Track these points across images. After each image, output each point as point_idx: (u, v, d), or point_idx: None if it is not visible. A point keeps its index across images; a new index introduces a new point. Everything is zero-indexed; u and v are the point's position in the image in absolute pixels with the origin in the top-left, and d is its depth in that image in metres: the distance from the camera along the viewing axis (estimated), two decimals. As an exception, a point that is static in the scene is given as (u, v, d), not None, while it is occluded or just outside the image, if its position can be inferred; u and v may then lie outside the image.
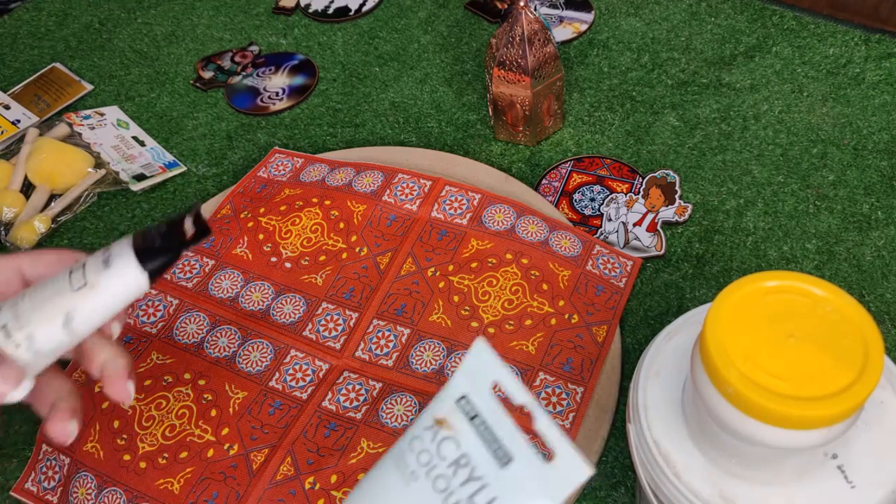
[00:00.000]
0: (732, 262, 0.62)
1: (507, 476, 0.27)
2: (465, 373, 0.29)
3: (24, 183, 0.74)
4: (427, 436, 0.29)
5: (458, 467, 0.28)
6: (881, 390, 0.38)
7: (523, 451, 0.28)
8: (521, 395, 0.28)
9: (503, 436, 0.28)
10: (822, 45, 0.77)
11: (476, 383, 0.29)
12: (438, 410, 0.29)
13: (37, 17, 0.95)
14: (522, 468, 0.27)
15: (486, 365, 0.29)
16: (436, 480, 0.28)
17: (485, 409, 0.28)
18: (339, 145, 0.76)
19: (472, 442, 0.28)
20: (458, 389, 0.29)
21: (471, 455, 0.28)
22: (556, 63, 0.67)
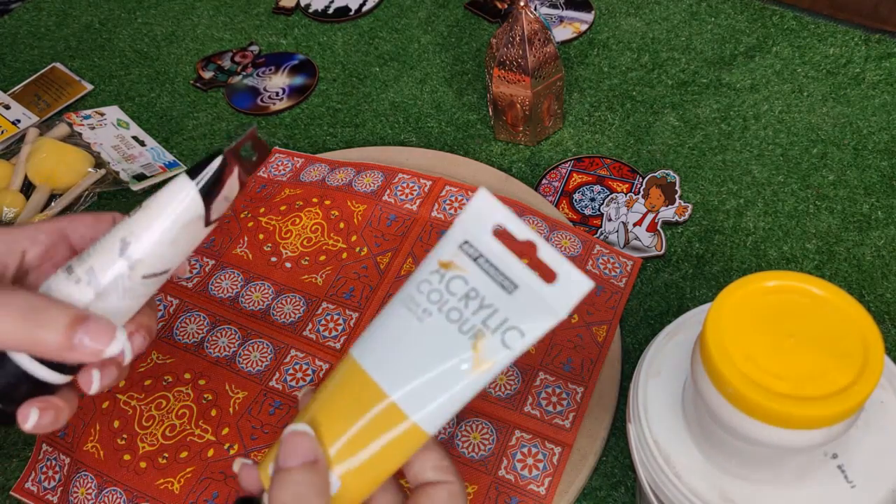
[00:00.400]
0: (732, 262, 0.62)
1: (514, 300, 0.30)
2: (465, 219, 0.31)
3: (24, 183, 0.74)
4: (434, 278, 0.31)
5: (469, 299, 0.31)
6: (881, 390, 0.38)
7: (527, 278, 0.30)
8: (523, 231, 0.31)
9: (506, 268, 0.31)
10: (822, 45, 0.77)
11: (477, 228, 0.31)
12: (443, 255, 0.31)
13: (37, 17, 0.95)
14: (528, 292, 0.30)
15: (486, 210, 0.31)
16: (449, 313, 0.31)
17: (487, 250, 0.31)
18: (339, 145, 0.76)
19: (478, 277, 0.31)
20: (460, 236, 0.31)
21: (479, 288, 0.31)
22: (556, 63, 0.67)
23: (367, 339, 0.32)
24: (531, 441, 0.52)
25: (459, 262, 0.31)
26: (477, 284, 0.31)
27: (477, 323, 0.30)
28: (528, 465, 0.51)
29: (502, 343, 0.30)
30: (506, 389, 0.54)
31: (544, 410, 0.53)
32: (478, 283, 0.31)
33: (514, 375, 0.55)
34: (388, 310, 0.32)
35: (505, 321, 0.30)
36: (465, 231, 0.31)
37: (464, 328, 0.30)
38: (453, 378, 0.30)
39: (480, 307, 0.30)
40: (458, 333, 0.30)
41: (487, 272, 0.31)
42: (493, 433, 0.52)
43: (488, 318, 0.30)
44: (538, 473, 0.50)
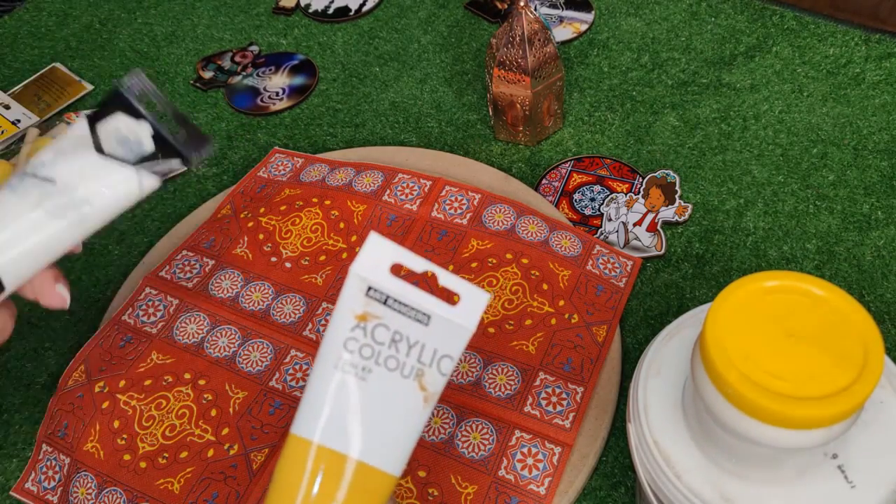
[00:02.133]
0: (732, 262, 0.62)
1: (433, 330, 0.33)
2: (363, 265, 0.32)
3: (24, 183, 0.74)
4: (358, 334, 0.32)
5: (396, 343, 0.32)
6: (881, 390, 0.38)
7: (434, 307, 0.33)
8: (419, 264, 0.33)
9: (414, 303, 0.32)
10: (822, 45, 0.77)
11: (376, 271, 0.32)
12: (355, 307, 0.32)
13: (37, 17, 0.95)
14: (440, 319, 0.33)
15: (379, 252, 0.32)
16: (386, 362, 0.32)
17: (391, 291, 0.32)
18: (339, 145, 0.76)
19: (395, 319, 0.32)
20: (363, 284, 0.32)
21: (400, 330, 0.32)
22: (556, 63, 0.67)
23: (312, 413, 0.32)
24: (531, 441, 0.52)
25: (373, 311, 0.32)
26: (398, 327, 0.32)
27: (414, 363, 0.32)
28: (528, 465, 0.51)
29: (439, 372, 0.33)
30: (506, 389, 0.54)
31: (544, 410, 0.53)
32: (397, 325, 0.32)
33: (514, 375, 0.55)
34: (323, 378, 0.32)
35: (435, 352, 0.33)
36: (365, 279, 0.32)
37: (405, 372, 0.32)
38: (413, 420, 0.33)
39: (409, 347, 0.32)
40: (403, 378, 0.32)
41: (401, 312, 0.32)
42: (493, 433, 0.52)
43: (421, 355, 0.32)
44: (538, 473, 0.50)
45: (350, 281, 0.32)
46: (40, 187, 0.35)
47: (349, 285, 0.32)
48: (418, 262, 0.33)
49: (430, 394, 0.33)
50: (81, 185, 0.36)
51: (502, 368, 0.55)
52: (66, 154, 0.36)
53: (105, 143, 0.36)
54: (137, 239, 0.71)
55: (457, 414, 0.53)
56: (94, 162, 0.36)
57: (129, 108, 0.36)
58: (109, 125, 0.36)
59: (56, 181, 0.35)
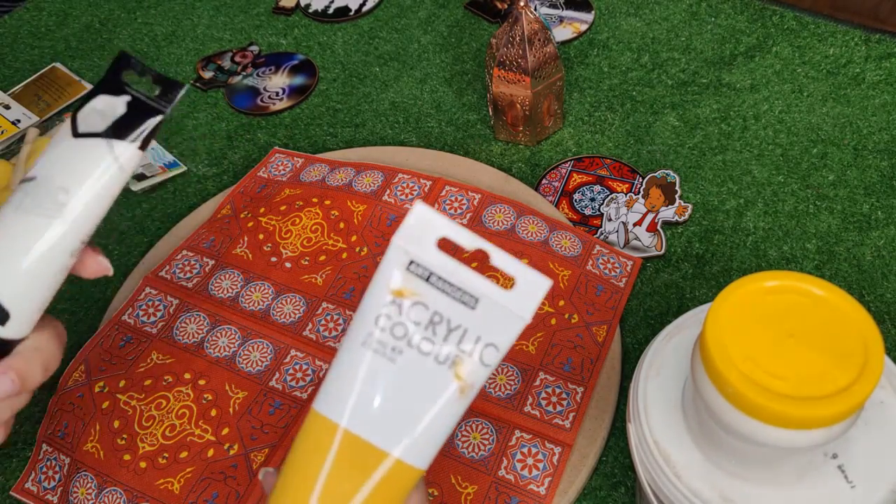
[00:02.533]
0: (732, 262, 0.62)
1: (479, 315, 0.29)
2: (405, 237, 0.29)
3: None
4: (392, 311, 0.29)
5: (435, 325, 0.29)
6: (881, 390, 0.38)
7: (485, 289, 0.29)
8: (469, 240, 0.30)
9: (462, 282, 0.29)
10: (822, 45, 0.77)
11: (420, 245, 0.29)
12: (393, 283, 0.29)
13: (37, 17, 0.95)
14: (490, 303, 0.29)
15: (425, 224, 0.29)
16: (420, 345, 0.29)
17: (436, 267, 0.29)
18: (339, 145, 0.76)
19: (437, 299, 0.29)
20: (403, 257, 0.29)
21: (441, 311, 0.29)
22: (556, 63, 0.67)
23: (340, 394, 0.30)
24: (531, 441, 0.52)
25: (412, 287, 0.29)
26: (438, 307, 0.29)
27: (452, 349, 0.29)
28: (528, 465, 0.51)
29: (481, 363, 0.30)
30: (506, 389, 0.54)
31: (544, 410, 0.53)
32: (438, 305, 0.29)
33: (514, 375, 0.55)
34: (351, 355, 0.30)
35: (478, 340, 0.29)
36: (407, 251, 0.29)
37: (440, 358, 0.29)
38: (445, 411, 0.30)
39: (449, 331, 0.29)
40: (437, 364, 0.29)
41: (444, 291, 0.29)
42: (493, 433, 0.52)
43: (461, 342, 0.29)
44: (538, 473, 0.50)
45: (391, 253, 0.29)
46: (23, 189, 0.33)
47: (389, 258, 0.29)
48: (469, 237, 0.29)
49: (468, 385, 0.29)
50: (55, 172, 0.33)
51: (502, 368, 0.55)
52: (49, 148, 0.34)
53: (81, 124, 0.33)
54: (137, 239, 0.71)
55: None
56: (68, 145, 0.33)
57: (113, 86, 0.34)
58: (88, 107, 0.33)
59: (36, 177, 0.33)
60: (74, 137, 0.33)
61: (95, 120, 0.33)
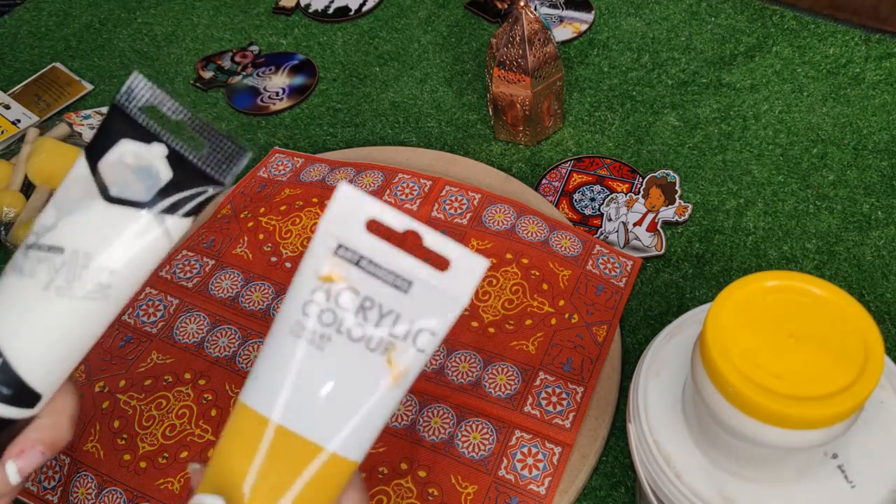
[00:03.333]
0: (732, 262, 0.62)
1: (413, 299, 0.28)
2: (331, 219, 0.28)
3: (24, 183, 0.74)
4: (319, 297, 0.28)
5: (365, 311, 0.28)
6: (881, 390, 0.38)
7: (419, 271, 0.28)
8: (399, 220, 0.28)
9: (394, 266, 0.28)
10: (822, 45, 0.77)
11: (348, 228, 0.28)
12: (320, 268, 0.28)
13: (37, 17, 0.95)
14: (424, 286, 0.28)
15: (353, 205, 0.28)
16: (350, 332, 0.28)
17: (365, 249, 0.28)
18: (339, 145, 0.76)
19: (367, 283, 0.28)
20: (331, 241, 0.28)
21: (372, 296, 0.28)
22: (556, 63, 0.67)
23: (266, 385, 0.28)
24: (531, 441, 0.52)
25: (341, 272, 0.28)
26: (369, 292, 0.28)
27: (384, 336, 0.28)
28: (528, 465, 0.51)
29: (416, 349, 0.28)
30: (506, 389, 0.54)
31: (544, 410, 0.53)
32: (369, 290, 0.28)
33: (514, 375, 0.55)
34: (279, 345, 0.28)
35: (412, 325, 0.28)
36: (335, 234, 0.28)
37: (371, 345, 0.28)
38: (378, 400, 0.28)
39: (381, 317, 0.28)
40: (368, 352, 0.28)
41: (375, 275, 0.28)
42: (493, 433, 0.52)
43: (394, 327, 0.28)
44: (538, 473, 0.50)
45: (318, 238, 0.28)
46: (47, 261, 0.29)
47: (315, 242, 0.28)
48: (398, 217, 0.28)
49: (401, 372, 0.28)
50: (93, 248, 0.28)
51: (502, 368, 0.55)
52: (70, 209, 0.29)
53: (111, 183, 0.29)
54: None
55: (457, 414, 0.53)
56: (103, 212, 0.29)
57: (135, 128, 0.29)
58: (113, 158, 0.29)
59: (64, 248, 0.28)
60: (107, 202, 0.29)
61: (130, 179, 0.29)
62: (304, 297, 0.28)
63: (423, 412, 0.53)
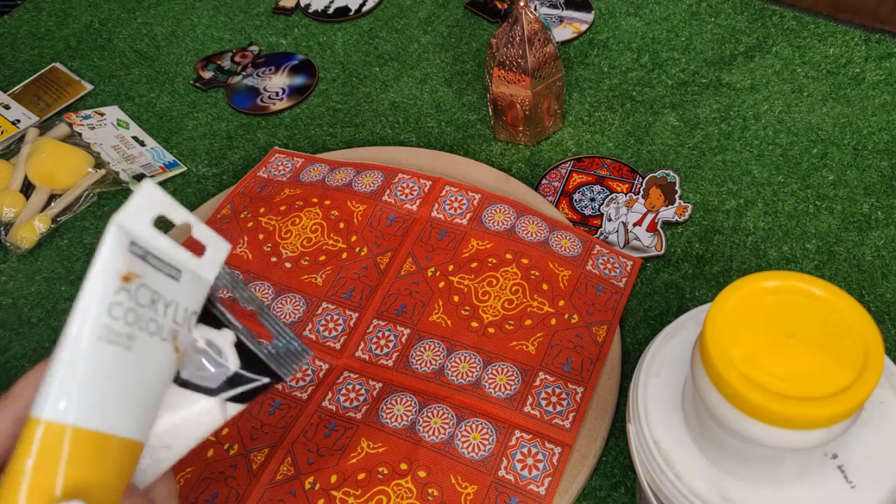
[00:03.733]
0: (732, 262, 0.62)
1: (183, 286, 0.31)
2: (127, 217, 0.29)
3: (24, 183, 0.74)
4: (123, 297, 0.29)
5: (155, 304, 0.30)
6: (881, 390, 0.38)
7: (182, 259, 0.31)
8: (179, 214, 0.31)
9: (168, 256, 0.30)
10: (822, 45, 0.77)
11: (140, 223, 0.30)
12: (119, 269, 0.29)
13: (37, 17, 0.95)
14: (188, 273, 0.31)
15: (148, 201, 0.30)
16: (148, 326, 0.29)
17: (151, 245, 0.30)
18: (339, 145, 0.76)
19: (154, 278, 0.30)
20: (125, 237, 0.29)
21: (158, 289, 0.30)
22: (556, 63, 0.67)
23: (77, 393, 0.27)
24: (531, 441, 0.52)
25: (135, 269, 0.29)
26: (156, 286, 0.30)
27: (170, 324, 0.30)
28: (528, 465, 0.51)
29: (189, 331, 0.31)
30: (506, 389, 0.54)
31: (544, 410, 0.53)
32: (156, 284, 0.30)
33: (514, 375, 0.55)
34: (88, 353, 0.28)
35: (187, 310, 0.31)
36: (130, 230, 0.29)
37: (163, 334, 0.30)
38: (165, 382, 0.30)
39: (166, 307, 0.30)
40: (161, 342, 0.30)
41: (158, 268, 0.30)
42: (492, 433, 0.52)
43: (175, 315, 0.30)
44: (538, 473, 0.50)
45: (112, 233, 0.28)
46: None
47: (110, 239, 0.28)
48: (180, 212, 0.31)
49: (182, 354, 0.31)
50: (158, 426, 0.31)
51: (502, 368, 0.55)
52: None
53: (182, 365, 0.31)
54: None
55: (457, 414, 0.53)
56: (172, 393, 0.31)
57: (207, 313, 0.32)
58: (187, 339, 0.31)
59: None
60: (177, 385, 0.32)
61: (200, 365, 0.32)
62: (109, 300, 0.28)
63: (423, 412, 0.53)
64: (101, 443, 0.28)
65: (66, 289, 0.68)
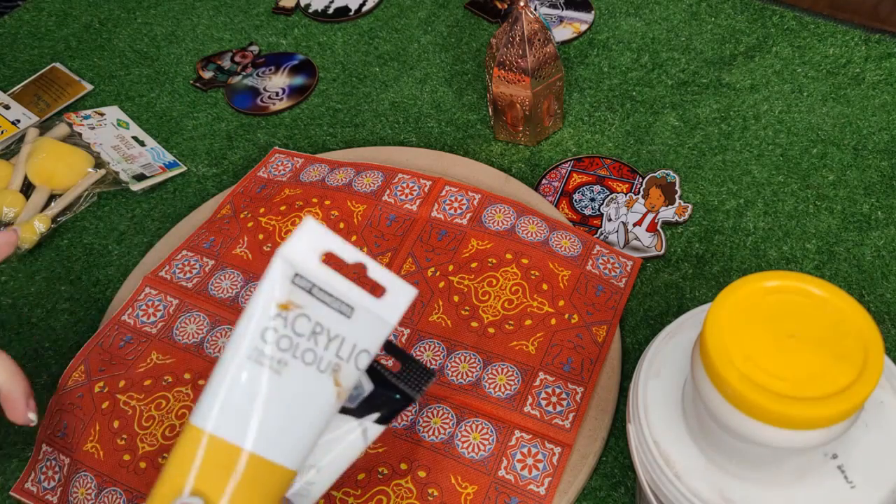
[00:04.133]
0: (732, 262, 0.62)
1: (355, 323, 0.32)
2: (292, 251, 0.31)
3: (24, 183, 0.74)
4: (278, 324, 0.30)
5: (316, 335, 0.31)
6: (881, 390, 0.38)
7: (359, 298, 0.32)
8: (351, 254, 0.32)
9: (340, 293, 0.31)
10: (822, 45, 0.77)
11: (305, 258, 0.31)
12: (279, 296, 0.30)
13: (37, 17, 0.95)
14: (363, 312, 0.32)
15: (313, 239, 0.31)
16: (304, 355, 0.30)
17: (318, 279, 0.31)
18: (339, 145, 0.76)
19: (318, 310, 0.31)
20: (289, 270, 0.30)
21: (322, 322, 0.31)
22: (556, 63, 0.67)
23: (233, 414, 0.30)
24: (531, 441, 0.52)
25: (297, 300, 0.31)
26: (320, 318, 0.31)
27: (332, 358, 0.31)
28: (528, 465, 0.51)
29: (356, 367, 0.32)
30: (506, 389, 0.54)
31: (544, 410, 0.53)
32: (320, 316, 0.31)
33: (514, 375, 0.55)
34: (235, 368, 0.30)
35: (354, 347, 0.32)
36: (294, 263, 0.31)
37: (321, 366, 0.31)
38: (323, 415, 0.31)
39: (329, 340, 0.31)
40: (318, 373, 0.31)
41: (325, 302, 0.31)
42: (492, 433, 0.52)
43: (340, 349, 0.31)
44: (538, 474, 0.50)
45: (276, 265, 0.30)
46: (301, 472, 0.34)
47: (275, 269, 0.30)
48: (350, 251, 0.32)
49: (344, 389, 0.32)
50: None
51: (502, 368, 0.55)
52: None
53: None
54: (137, 239, 0.71)
55: (457, 414, 0.53)
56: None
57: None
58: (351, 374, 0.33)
59: None
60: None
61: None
62: (263, 324, 0.30)
63: (423, 412, 0.53)
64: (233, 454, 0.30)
65: (65, 289, 0.68)
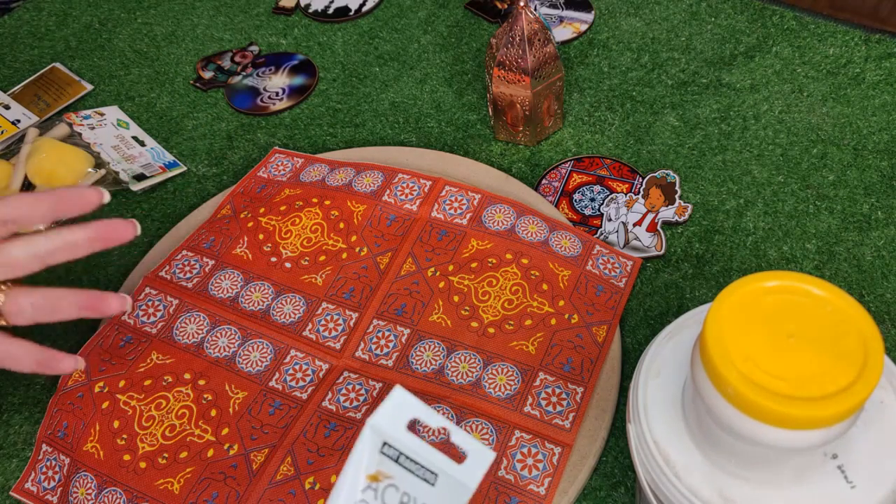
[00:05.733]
0: (732, 262, 0.62)
1: (438, 490, 0.33)
2: (382, 420, 0.32)
3: (24, 183, 0.74)
4: (369, 496, 0.32)
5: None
6: (881, 390, 0.38)
7: (442, 465, 0.33)
8: (436, 420, 0.33)
9: (424, 461, 0.32)
10: (822, 45, 0.77)
11: (394, 426, 0.32)
12: (369, 467, 0.32)
13: (37, 17, 0.95)
14: (446, 478, 0.33)
15: (401, 407, 0.32)
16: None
17: (405, 447, 0.32)
18: (339, 145, 0.76)
19: (405, 479, 0.32)
20: (378, 439, 0.32)
21: (409, 491, 0.32)
22: (556, 63, 0.67)
23: None
24: (531, 441, 0.52)
25: (385, 469, 0.32)
26: (407, 487, 0.32)
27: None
28: (528, 465, 0.51)
29: None
30: (506, 390, 0.54)
31: (544, 411, 0.53)
32: (407, 485, 0.32)
33: (514, 375, 0.55)
34: None
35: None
36: (383, 433, 0.32)
37: None
38: None
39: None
40: None
41: (411, 470, 0.32)
42: (493, 433, 0.52)
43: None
44: (538, 474, 0.50)
45: (366, 434, 0.32)
46: None
47: (365, 439, 0.32)
48: (436, 419, 0.33)
49: None
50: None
51: (502, 368, 0.55)
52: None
53: None
54: (137, 239, 0.71)
55: (457, 414, 0.53)
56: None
57: None
58: None
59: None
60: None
61: None
62: (355, 498, 0.32)
63: (423, 412, 0.53)
64: None
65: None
